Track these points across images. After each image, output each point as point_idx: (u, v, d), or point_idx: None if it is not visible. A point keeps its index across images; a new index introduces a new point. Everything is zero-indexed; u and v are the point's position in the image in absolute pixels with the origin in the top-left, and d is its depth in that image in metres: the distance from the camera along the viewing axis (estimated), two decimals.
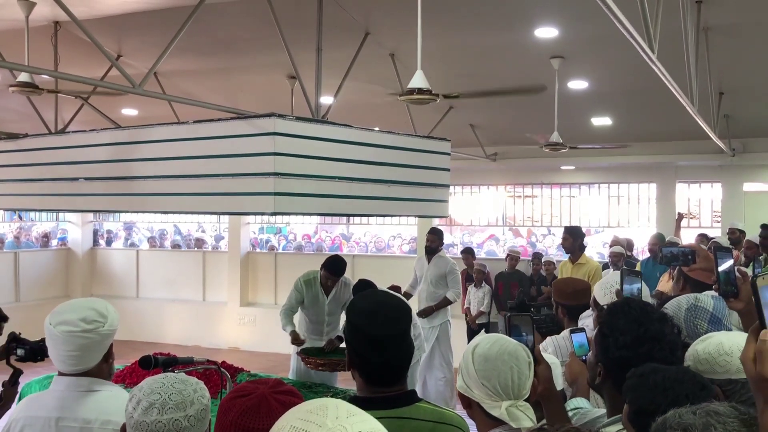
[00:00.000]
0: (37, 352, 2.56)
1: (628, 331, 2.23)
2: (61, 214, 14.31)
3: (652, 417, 1.59)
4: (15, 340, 3.50)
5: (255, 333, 12.52)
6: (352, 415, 1.18)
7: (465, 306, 10.10)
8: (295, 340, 6.83)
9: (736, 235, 9.25)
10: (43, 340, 3.35)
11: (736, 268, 2.64)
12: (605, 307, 2.77)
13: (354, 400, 2.21)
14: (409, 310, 2.33)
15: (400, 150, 6.00)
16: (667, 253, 3.21)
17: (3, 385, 4.18)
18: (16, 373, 3.99)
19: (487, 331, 8.93)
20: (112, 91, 6.69)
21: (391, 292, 2.40)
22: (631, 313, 2.30)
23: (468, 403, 2.08)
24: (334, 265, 6.78)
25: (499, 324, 10.14)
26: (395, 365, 2.22)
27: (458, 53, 7.21)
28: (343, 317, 7.02)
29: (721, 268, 2.56)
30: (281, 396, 1.64)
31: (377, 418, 2.10)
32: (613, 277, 3.49)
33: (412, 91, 4.52)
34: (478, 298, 10.02)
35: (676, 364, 2.22)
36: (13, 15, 6.30)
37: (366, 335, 2.18)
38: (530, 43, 6.68)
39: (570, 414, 2.56)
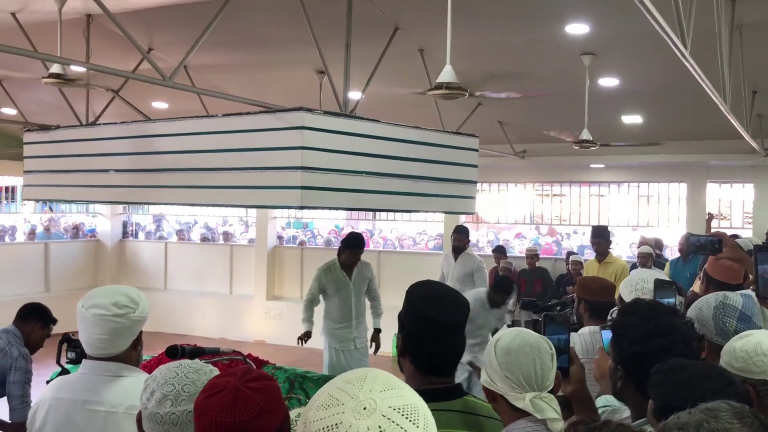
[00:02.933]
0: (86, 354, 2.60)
1: (638, 326, 2.23)
2: (91, 206, 14.47)
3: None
4: (67, 341, 3.53)
5: (281, 327, 12.57)
6: (387, 389, 1.16)
7: None
8: (302, 340, 6.90)
9: None
10: None
11: None
12: None
13: None
14: (467, 302, 2.33)
15: (427, 145, 5.99)
16: (695, 242, 3.20)
17: (48, 384, 4.23)
18: (63, 373, 4.04)
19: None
20: (142, 84, 6.75)
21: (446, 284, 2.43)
22: (639, 310, 2.30)
23: (493, 397, 2.09)
24: (354, 240, 6.90)
25: (522, 321, 10.09)
26: (449, 354, 2.22)
27: (488, 49, 7.17)
28: (367, 303, 7.09)
29: (761, 268, 2.54)
30: (253, 383, 1.61)
31: (436, 411, 2.09)
32: (639, 274, 3.46)
33: (441, 86, 4.50)
34: None
35: (693, 357, 2.20)
36: (46, 8, 6.38)
37: (426, 319, 2.18)
38: (561, 39, 6.62)
39: (599, 412, 2.54)
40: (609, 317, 3.13)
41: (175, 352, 2.76)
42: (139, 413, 1.98)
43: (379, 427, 1.10)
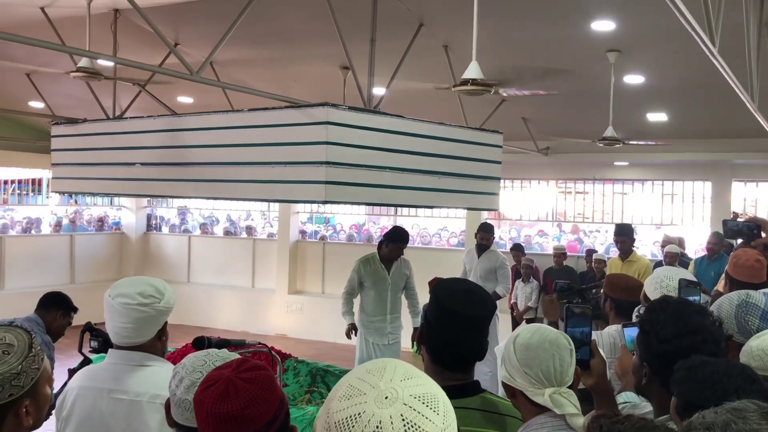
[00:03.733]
0: (110, 344, 2.64)
1: (668, 324, 2.23)
2: (116, 199, 14.61)
3: (701, 410, 1.58)
4: (90, 329, 3.57)
5: (302, 321, 12.64)
6: (408, 378, 1.18)
7: (512, 301, 10.06)
8: (349, 333, 6.91)
9: None
10: None
11: None
12: None
13: None
14: (494, 303, 2.35)
15: (451, 141, 5.99)
16: (732, 226, 3.18)
17: (69, 373, 4.30)
18: (85, 362, 4.09)
19: None
20: (168, 78, 6.81)
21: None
22: (669, 308, 2.31)
23: (512, 393, 2.10)
24: (400, 234, 6.90)
25: (546, 319, 10.07)
26: (467, 351, 2.24)
27: (513, 45, 7.16)
28: (403, 300, 7.09)
29: None
30: (246, 374, 1.66)
31: (456, 408, 2.11)
32: (664, 272, 3.44)
33: (466, 82, 4.51)
34: (525, 293, 9.96)
35: (720, 357, 2.20)
36: (74, 2, 6.45)
37: (447, 310, 2.21)
38: (586, 36, 6.59)
39: (619, 407, 2.55)
40: (635, 314, 3.13)
41: (201, 343, 2.80)
42: (168, 400, 2.02)
43: (401, 415, 1.12)
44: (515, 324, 10.01)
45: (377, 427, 1.11)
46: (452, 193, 6.08)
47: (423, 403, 1.15)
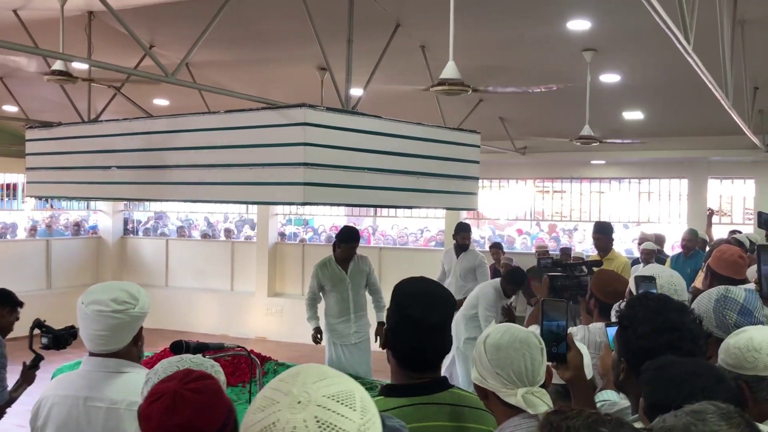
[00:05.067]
0: (60, 340, 2.60)
1: (646, 320, 2.23)
2: (92, 203, 14.48)
3: (668, 410, 1.59)
4: (39, 326, 3.53)
5: (282, 323, 12.59)
6: (321, 379, 1.17)
7: None
8: (315, 337, 6.93)
9: None
10: (67, 329, 3.39)
11: None
12: None
13: (387, 388, 2.23)
14: (454, 301, 2.34)
15: (429, 141, 6.00)
16: (763, 220, 3.25)
17: (23, 367, 4.25)
18: (37, 358, 4.04)
19: None
20: (144, 80, 6.76)
21: (436, 281, 2.43)
22: (649, 304, 2.31)
23: (484, 394, 2.09)
24: (348, 234, 6.95)
25: (527, 317, 10.10)
26: (432, 353, 2.23)
27: (489, 45, 7.18)
28: (368, 297, 7.11)
29: (764, 269, 2.54)
30: (192, 384, 1.66)
31: (412, 405, 2.12)
32: (651, 269, 3.46)
33: (443, 82, 4.51)
34: None
35: (699, 354, 2.21)
36: (48, 5, 6.38)
37: (409, 317, 2.19)
38: (562, 35, 6.62)
39: (597, 405, 2.55)
40: (615, 309, 3.14)
41: (179, 348, 2.78)
42: (140, 407, 2.00)
43: (316, 417, 1.10)
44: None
45: None
46: (431, 194, 6.08)
47: (337, 401, 1.13)
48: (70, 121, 7.41)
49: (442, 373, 2.35)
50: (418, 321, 2.17)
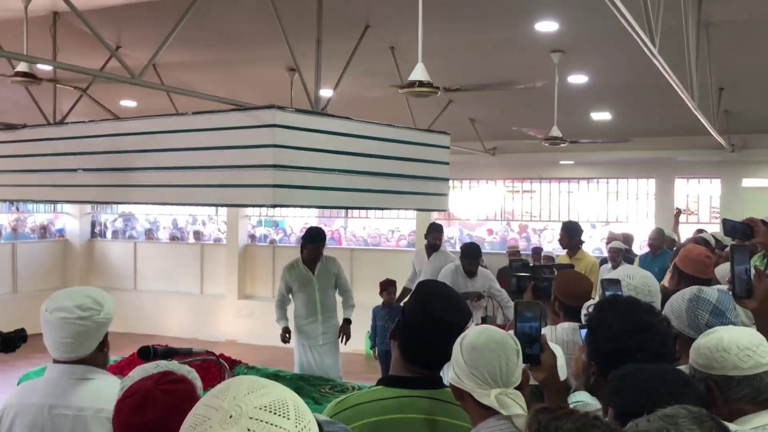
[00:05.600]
0: (8, 343, 2.55)
1: (615, 323, 2.25)
2: (58, 206, 14.30)
3: (637, 418, 1.60)
4: None
5: (253, 326, 12.52)
6: (252, 390, 1.14)
7: None
8: (284, 337, 6.92)
9: None
10: (17, 332, 3.33)
11: (753, 266, 2.65)
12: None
13: (387, 380, 2.32)
14: (469, 311, 2.43)
15: (399, 143, 5.99)
16: (730, 227, 3.30)
17: None
18: None
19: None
20: (110, 82, 6.67)
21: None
22: (617, 307, 2.32)
23: (460, 395, 2.09)
24: (313, 235, 6.97)
25: (498, 317, 10.14)
26: (441, 353, 2.26)
27: (458, 47, 7.20)
28: (337, 298, 7.10)
29: (737, 269, 2.57)
30: (166, 386, 1.64)
31: (407, 396, 2.15)
32: (625, 271, 3.47)
33: (412, 84, 4.51)
34: None
35: (668, 355, 2.22)
36: (12, 5, 6.28)
37: (427, 312, 2.27)
38: (530, 37, 6.66)
39: (571, 406, 2.56)
40: (584, 311, 3.16)
41: (147, 353, 2.74)
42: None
43: (248, 429, 1.08)
44: None
45: None
46: (402, 195, 6.08)
47: (270, 411, 1.11)
48: (36, 123, 7.30)
49: None
50: (438, 319, 2.26)
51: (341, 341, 7.10)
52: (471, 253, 7.45)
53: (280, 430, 1.09)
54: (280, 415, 1.11)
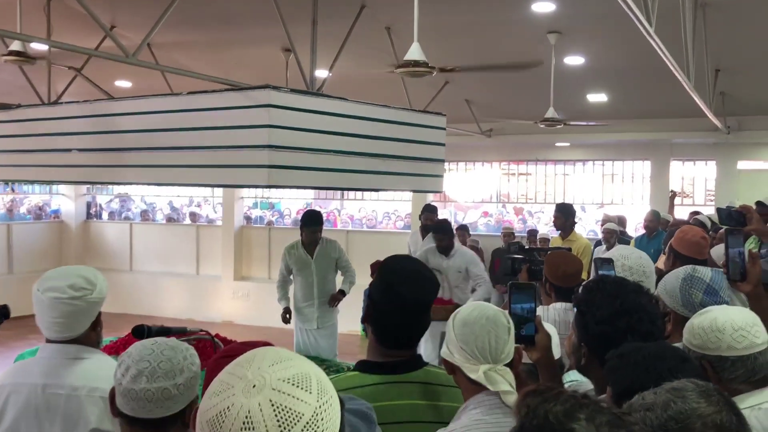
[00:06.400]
0: None
1: (604, 305, 2.25)
2: (54, 187, 14.27)
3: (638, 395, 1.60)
4: None
5: (249, 307, 12.55)
6: (276, 362, 1.15)
7: None
8: (284, 317, 6.91)
9: None
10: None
11: (747, 250, 2.66)
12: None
13: (363, 364, 2.28)
14: (438, 282, 2.38)
15: (395, 124, 5.98)
16: (725, 214, 3.33)
17: None
18: None
19: None
20: (105, 62, 6.63)
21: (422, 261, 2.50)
22: (606, 288, 2.32)
23: (452, 369, 2.11)
24: (309, 218, 6.93)
25: (493, 298, 10.17)
26: (414, 331, 2.27)
27: (454, 27, 7.16)
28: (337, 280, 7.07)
29: (731, 252, 2.59)
30: None
31: (386, 383, 2.14)
32: (619, 251, 3.47)
33: (408, 64, 4.49)
34: None
35: (657, 335, 2.23)
36: None
37: (396, 295, 2.23)
38: (527, 17, 6.63)
39: (565, 385, 2.57)
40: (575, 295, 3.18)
41: (141, 332, 2.74)
42: (113, 389, 1.98)
43: (270, 400, 1.09)
44: None
45: (246, 417, 1.08)
46: (397, 176, 6.07)
47: (293, 384, 1.12)
48: (30, 103, 7.26)
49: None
50: (406, 299, 2.22)
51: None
52: (438, 229, 7.23)
53: (302, 404, 1.10)
54: (302, 388, 1.12)
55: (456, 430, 1.98)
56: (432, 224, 7.79)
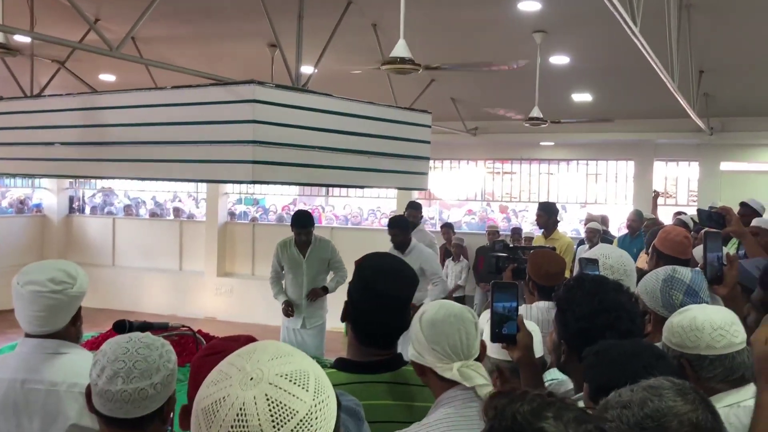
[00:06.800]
0: None
1: (584, 302, 2.26)
2: (36, 180, 14.16)
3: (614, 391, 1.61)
4: None
5: (232, 303, 12.51)
6: (276, 357, 1.15)
7: None
8: (286, 311, 6.84)
9: None
10: None
11: (725, 253, 2.68)
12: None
13: (341, 362, 2.26)
14: (417, 278, 2.37)
15: (380, 121, 5.97)
16: (705, 216, 3.37)
17: None
18: None
19: (462, 304, 8.95)
20: (89, 55, 6.58)
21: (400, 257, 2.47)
22: (585, 286, 2.33)
23: (422, 371, 2.10)
24: (297, 219, 6.81)
25: (476, 296, 10.21)
26: (393, 329, 2.26)
27: (440, 25, 7.16)
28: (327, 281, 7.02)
29: (709, 256, 2.61)
30: None
31: (362, 383, 2.14)
32: (601, 250, 3.49)
33: (394, 60, 4.49)
34: (455, 271, 10.08)
35: (637, 333, 2.24)
36: None
37: (374, 292, 2.22)
38: (513, 16, 6.64)
39: (546, 384, 2.58)
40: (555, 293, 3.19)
41: (122, 328, 2.72)
42: (88, 387, 1.95)
43: (266, 395, 1.09)
44: None
45: (240, 409, 1.08)
46: (382, 173, 6.07)
47: (290, 381, 1.11)
48: (12, 95, 7.20)
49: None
50: (384, 296, 2.21)
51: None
52: (392, 224, 7.03)
53: (297, 401, 1.10)
54: (299, 385, 1.12)
55: (430, 423, 1.99)
56: (413, 221, 7.76)
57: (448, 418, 1.98)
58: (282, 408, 1.08)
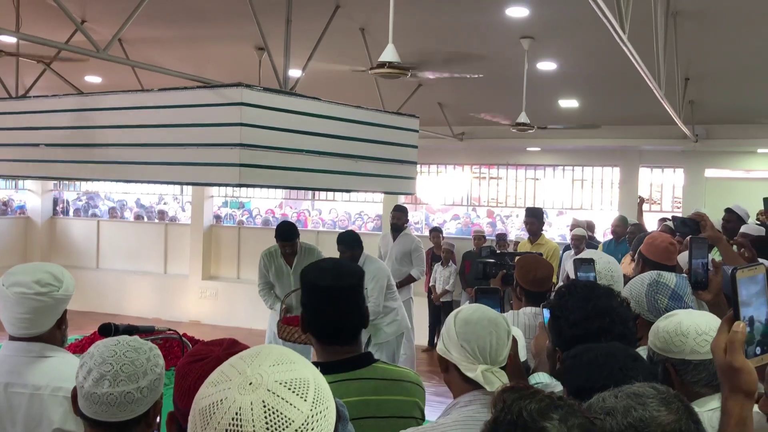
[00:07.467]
0: None
1: (576, 308, 2.29)
2: (20, 182, 14.06)
3: (590, 394, 1.61)
4: None
5: (217, 307, 12.45)
6: (277, 363, 1.14)
7: (430, 284, 10.17)
8: (288, 312, 6.74)
9: None
10: None
11: (711, 260, 2.70)
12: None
13: (313, 365, 2.25)
14: (361, 271, 2.40)
15: (368, 125, 5.97)
16: (679, 222, 3.38)
17: None
18: None
19: (450, 309, 8.95)
20: (75, 56, 6.56)
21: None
22: (577, 292, 2.36)
23: (446, 367, 2.14)
24: (280, 232, 6.62)
25: (462, 301, 10.22)
26: (345, 322, 2.29)
27: (428, 30, 7.17)
28: None
29: (694, 262, 2.62)
30: (234, 354, 1.64)
31: (337, 381, 2.15)
32: (588, 255, 3.51)
33: (383, 65, 4.49)
34: (444, 276, 10.08)
35: (630, 336, 2.27)
36: None
37: (316, 286, 2.27)
38: (500, 22, 6.65)
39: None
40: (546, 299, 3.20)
41: (108, 331, 2.70)
42: (74, 390, 1.93)
43: (263, 401, 1.08)
44: (432, 306, 10.11)
45: (236, 413, 1.07)
46: (369, 177, 6.06)
47: (289, 389, 1.10)
48: None
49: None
50: (328, 289, 2.25)
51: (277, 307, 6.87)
52: (340, 240, 6.79)
53: (294, 410, 1.08)
54: (298, 394, 1.10)
55: (446, 423, 2.00)
56: (398, 223, 7.75)
57: (464, 421, 2.00)
58: (278, 416, 1.07)
